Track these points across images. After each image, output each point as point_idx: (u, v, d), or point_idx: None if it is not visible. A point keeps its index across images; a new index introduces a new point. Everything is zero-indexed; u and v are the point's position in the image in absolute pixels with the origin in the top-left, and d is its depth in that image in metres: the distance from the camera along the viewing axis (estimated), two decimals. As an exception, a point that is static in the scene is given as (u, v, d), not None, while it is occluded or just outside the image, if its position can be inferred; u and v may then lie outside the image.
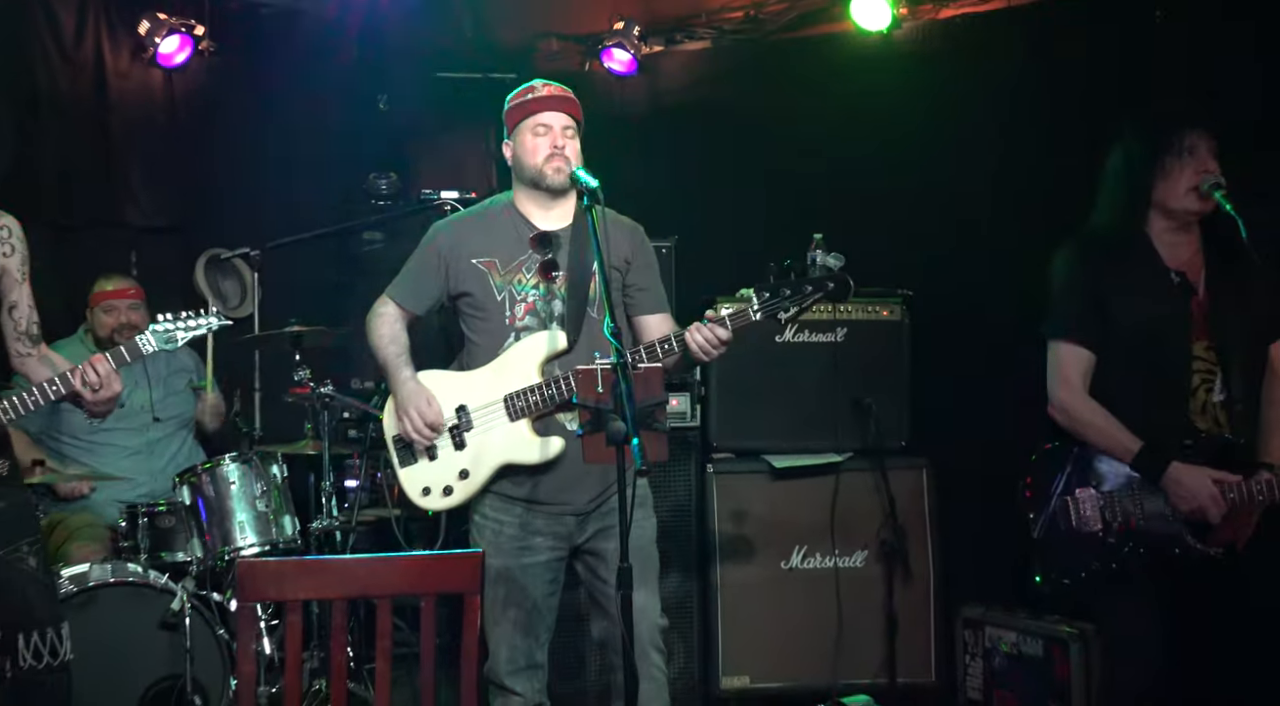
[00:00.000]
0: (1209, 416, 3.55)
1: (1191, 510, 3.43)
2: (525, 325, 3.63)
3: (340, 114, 6.52)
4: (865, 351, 5.32)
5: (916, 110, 5.44)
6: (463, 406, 3.66)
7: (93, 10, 5.81)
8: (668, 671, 3.74)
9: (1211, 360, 3.55)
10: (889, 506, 5.21)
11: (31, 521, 3.78)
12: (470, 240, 3.70)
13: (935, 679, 5.26)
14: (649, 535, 3.73)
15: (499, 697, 3.70)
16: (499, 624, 3.68)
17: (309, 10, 6.46)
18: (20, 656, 3.64)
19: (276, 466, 4.88)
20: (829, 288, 3.31)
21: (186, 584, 4.53)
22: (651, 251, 3.82)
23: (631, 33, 6.13)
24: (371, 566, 2.61)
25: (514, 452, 3.59)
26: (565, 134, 3.63)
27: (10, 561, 3.65)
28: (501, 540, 3.66)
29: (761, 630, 5.19)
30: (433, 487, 3.69)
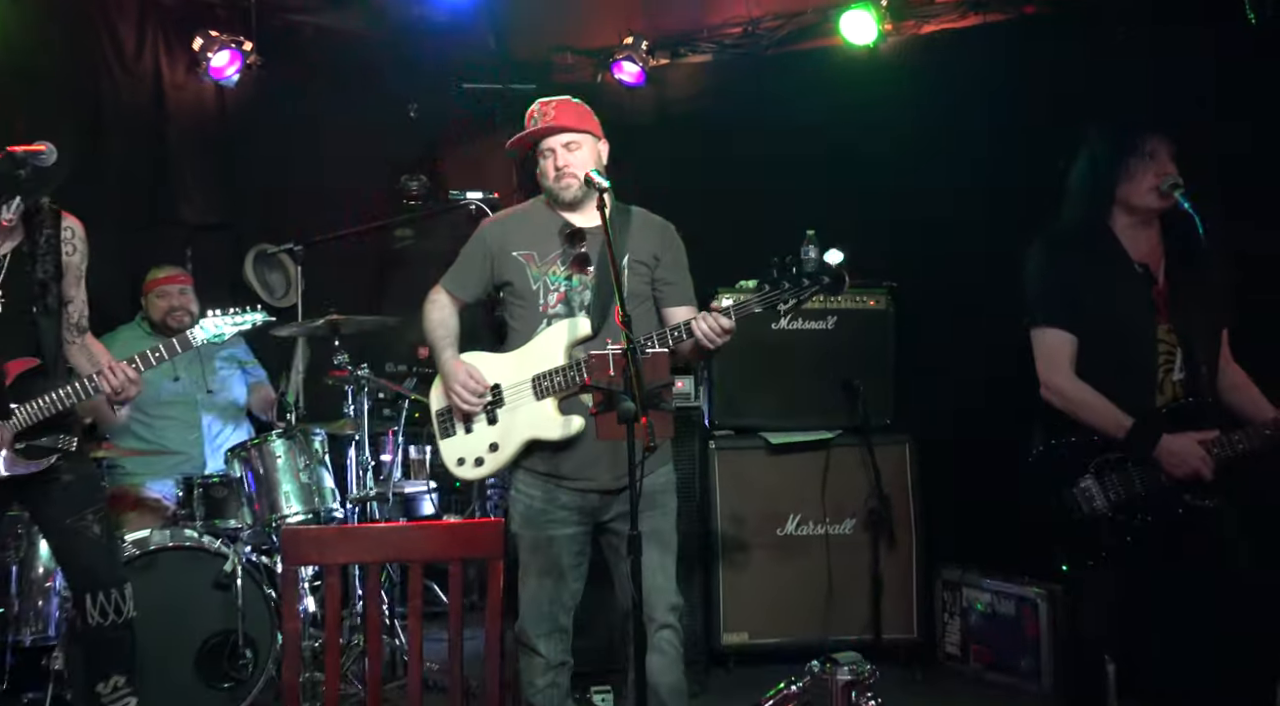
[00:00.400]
0: (1168, 393, 3.54)
1: (1185, 475, 3.41)
2: (556, 312, 3.61)
3: (375, 121, 6.50)
4: (854, 338, 5.32)
5: (900, 117, 5.42)
6: (497, 385, 3.65)
7: (151, 28, 5.81)
8: (680, 647, 3.69)
9: (1172, 343, 3.54)
10: (875, 479, 5.20)
11: (97, 492, 3.81)
12: (513, 235, 3.70)
13: (917, 635, 5.25)
14: (670, 520, 3.70)
15: (526, 656, 3.70)
16: (528, 589, 3.68)
17: (346, 28, 6.46)
18: (89, 614, 3.67)
19: (318, 442, 4.90)
20: (825, 282, 3.28)
21: (238, 548, 4.54)
22: (681, 248, 3.78)
23: (640, 47, 6.12)
24: (404, 533, 2.61)
25: (539, 429, 3.58)
26: (569, 149, 3.61)
27: (77, 529, 3.68)
28: (531, 513, 3.65)
29: (759, 591, 5.20)
30: (466, 458, 3.68)
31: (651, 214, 3.77)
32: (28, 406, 3.51)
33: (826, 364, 5.26)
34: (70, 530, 3.69)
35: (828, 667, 2.05)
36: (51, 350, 3.61)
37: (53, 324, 3.62)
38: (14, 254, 3.59)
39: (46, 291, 3.59)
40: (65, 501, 3.69)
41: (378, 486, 5.07)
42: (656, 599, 3.60)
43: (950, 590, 5.25)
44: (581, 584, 3.72)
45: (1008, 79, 5.13)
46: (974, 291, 4.95)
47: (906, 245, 5.33)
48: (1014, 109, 5.06)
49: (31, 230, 3.61)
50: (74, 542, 3.71)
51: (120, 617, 3.70)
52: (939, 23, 5.45)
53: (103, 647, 3.73)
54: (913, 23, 5.50)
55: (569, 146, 3.61)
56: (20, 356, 3.53)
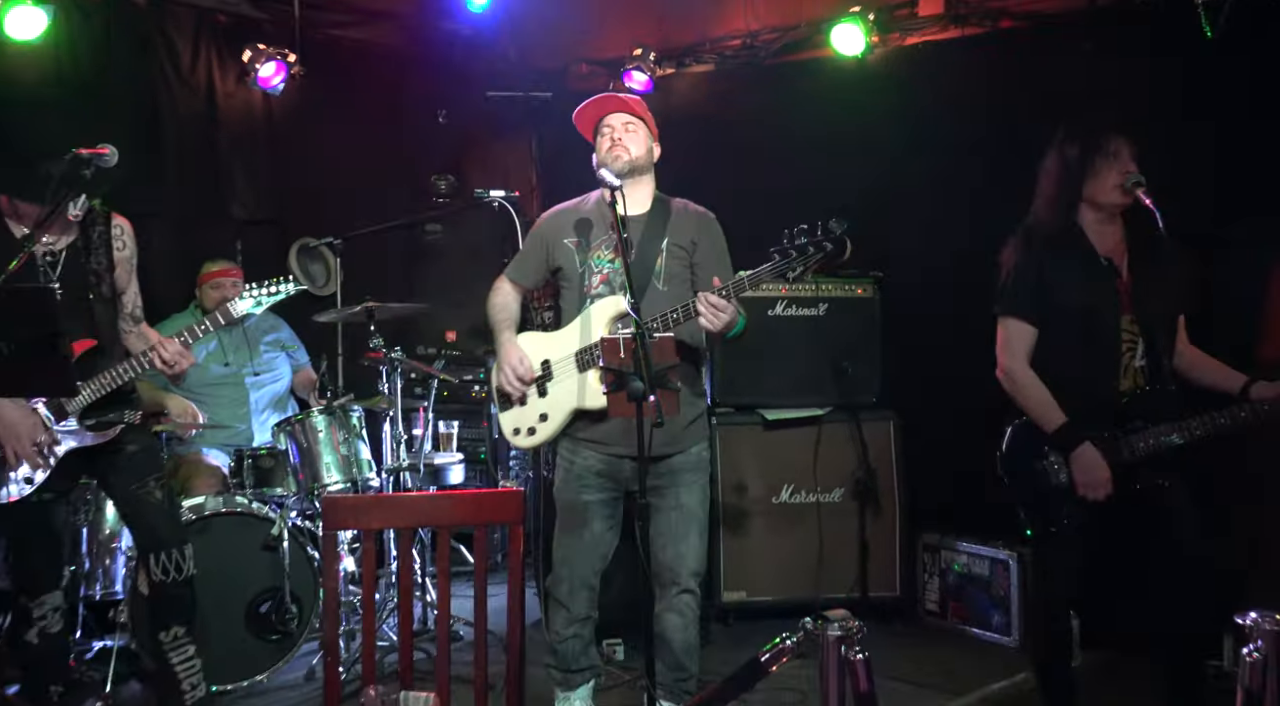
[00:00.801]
0: (1130, 377, 3.52)
1: (1084, 484, 3.42)
2: (598, 293, 3.60)
3: (407, 126, 6.50)
4: (843, 323, 5.32)
5: (886, 122, 5.40)
6: (546, 361, 3.66)
7: (205, 43, 5.80)
8: (697, 611, 3.69)
9: (1134, 331, 3.51)
10: (862, 452, 5.20)
11: (158, 461, 3.85)
12: (566, 224, 3.70)
13: (899, 593, 5.26)
14: (698, 496, 3.67)
15: (554, 607, 3.71)
16: (561, 548, 3.69)
17: (381, 42, 6.45)
18: (153, 571, 3.70)
19: (356, 418, 4.89)
20: (828, 248, 3.22)
21: (284, 514, 4.54)
22: (719, 235, 3.74)
23: (648, 58, 6.10)
24: (433, 501, 2.61)
25: (582, 400, 3.56)
26: (626, 129, 3.61)
27: (141, 495, 3.71)
28: (569, 477, 3.66)
29: (756, 553, 5.20)
30: (521, 428, 3.70)
31: (693, 204, 3.75)
32: (90, 383, 3.52)
33: (818, 347, 5.26)
34: (135, 496, 3.71)
35: (819, 624, 2.03)
36: (107, 331, 3.63)
37: (107, 309, 3.65)
38: (69, 249, 3.61)
39: (100, 281, 3.63)
40: (130, 470, 3.71)
41: (410, 458, 5.06)
42: (680, 566, 3.61)
43: (930, 552, 5.25)
44: (611, 548, 3.71)
45: (985, 86, 5.10)
46: (953, 281, 4.92)
47: (892, 238, 5.31)
48: (990, 114, 5.03)
49: (84, 228, 3.64)
50: (138, 507, 3.73)
51: (180, 575, 3.72)
52: (922, 35, 5.42)
53: (165, 602, 3.75)
54: (897, 35, 5.47)
55: (627, 127, 3.61)
56: (79, 339, 3.54)
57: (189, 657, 3.77)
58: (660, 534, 3.59)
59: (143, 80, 5.53)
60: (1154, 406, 3.46)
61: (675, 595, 3.62)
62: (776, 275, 3.29)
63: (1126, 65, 4.62)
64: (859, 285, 5.33)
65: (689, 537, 3.62)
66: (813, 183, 5.56)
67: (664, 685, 3.57)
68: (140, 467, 3.72)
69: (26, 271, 3.48)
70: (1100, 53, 4.70)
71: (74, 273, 3.59)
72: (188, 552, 3.74)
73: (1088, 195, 3.52)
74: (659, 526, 3.60)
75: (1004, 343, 3.57)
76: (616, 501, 3.68)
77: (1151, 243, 3.49)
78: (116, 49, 5.42)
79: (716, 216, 3.77)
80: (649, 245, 3.61)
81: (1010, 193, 3.76)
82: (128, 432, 3.69)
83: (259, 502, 4.61)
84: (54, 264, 3.59)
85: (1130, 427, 3.45)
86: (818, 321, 5.31)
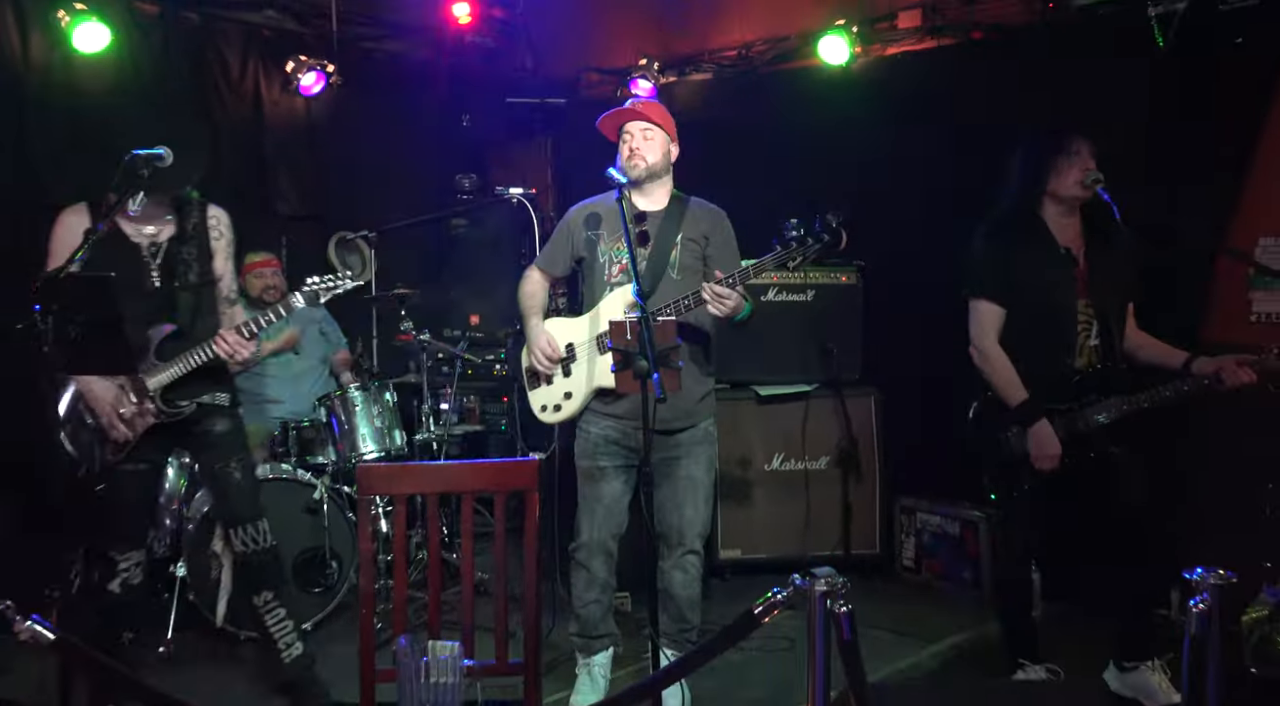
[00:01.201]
0: (1085, 356, 3.52)
1: (1037, 457, 3.43)
2: (618, 281, 3.59)
3: (434, 129, 6.49)
4: (829, 307, 5.31)
5: (869, 125, 5.37)
6: (570, 344, 3.65)
7: (253, 55, 5.79)
8: (701, 569, 3.71)
9: (1090, 315, 3.51)
10: (845, 423, 5.20)
11: (243, 442, 3.79)
12: (589, 218, 3.68)
13: (879, 551, 5.27)
14: (704, 466, 3.67)
15: (576, 571, 3.71)
16: (582, 513, 3.69)
17: (411, 54, 6.43)
18: (233, 543, 3.70)
19: (389, 393, 4.90)
20: (826, 239, 3.23)
21: (324, 480, 4.55)
22: (729, 230, 3.72)
23: (652, 67, 6.07)
24: (458, 469, 2.61)
25: (602, 378, 3.56)
26: (644, 137, 3.58)
27: (223, 473, 3.69)
28: (588, 447, 3.65)
29: (750, 515, 5.21)
30: (548, 406, 3.70)
31: (707, 202, 3.73)
32: (170, 366, 3.48)
33: (806, 329, 5.25)
34: (218, 474, 3.69)
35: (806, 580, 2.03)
36: (187, 319, 3.56)
37: (190, 298, 3.57)
38: (170, 241, 3.57)
39: (189, 270, 3.57)
40: (216, 449, 3.68)
41: (437, 430, 5.07)
42: (687, 529, 3.63)
43: (906, 514, 5.25)
44: (626, 512, 3.70)
45: (955, 92, 5.07)
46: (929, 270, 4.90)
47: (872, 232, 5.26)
48: (962, 116, 5.00)
49: (182, 220, 3.59)
50: (220, 484, 3.71)
51: (259, 545, 3.70)
52: (900, 46, 5.39)
53: (252, 569, 3.74)
54: (878, 46, 5.43)
55: (645, 134, 3.57)
56: (168, 324, 3.52)
57: (281, 620, 3.75)
58: (670, 499, 3.60)
59: (198, 90, 5.52)
60: (1106, 382, 3.47)
61: (681, 555, 3.64)
62: (779, 263, 3.30)
63: (1087, 71, 4.59)
64: (843, 273, 5.32)
65: (696, 504, 3.64)
66: (802, 181, 5.55)
67: (668, 635, 3.59)
68: (226, 447, 3.69)
69: (132, 262, 3.49)
70: (1063, 60, 4.67)
71: (171, 263, 3.55)
72: (262, 526, 3.71)
73: (1051, 190, 3.51)
74: (670, 493, 3.60)
75: (976, 322, 3.58)
76: (631, 469, 3.67)
77: (1108, 235, 3.50)
78: (173, 61, 5.41)
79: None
80: (665, 238, 3.60)
81: (980, 188, 3.75)
82: (216, 413, 3.66)
83: (302, 469, 4.63)
84: (156, 254, 3.55)
85: (1086, 401, 3.45)
86: (806, 306, 5.30)
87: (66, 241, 3.37)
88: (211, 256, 3.63)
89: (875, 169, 5.31)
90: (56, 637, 2.07)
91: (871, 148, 5.35)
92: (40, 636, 2.04)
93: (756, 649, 4.12)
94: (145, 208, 3.41)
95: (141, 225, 3.54)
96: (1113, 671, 3.60)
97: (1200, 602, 2.08)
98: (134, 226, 3.54)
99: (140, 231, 3.55)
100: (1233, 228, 4.37)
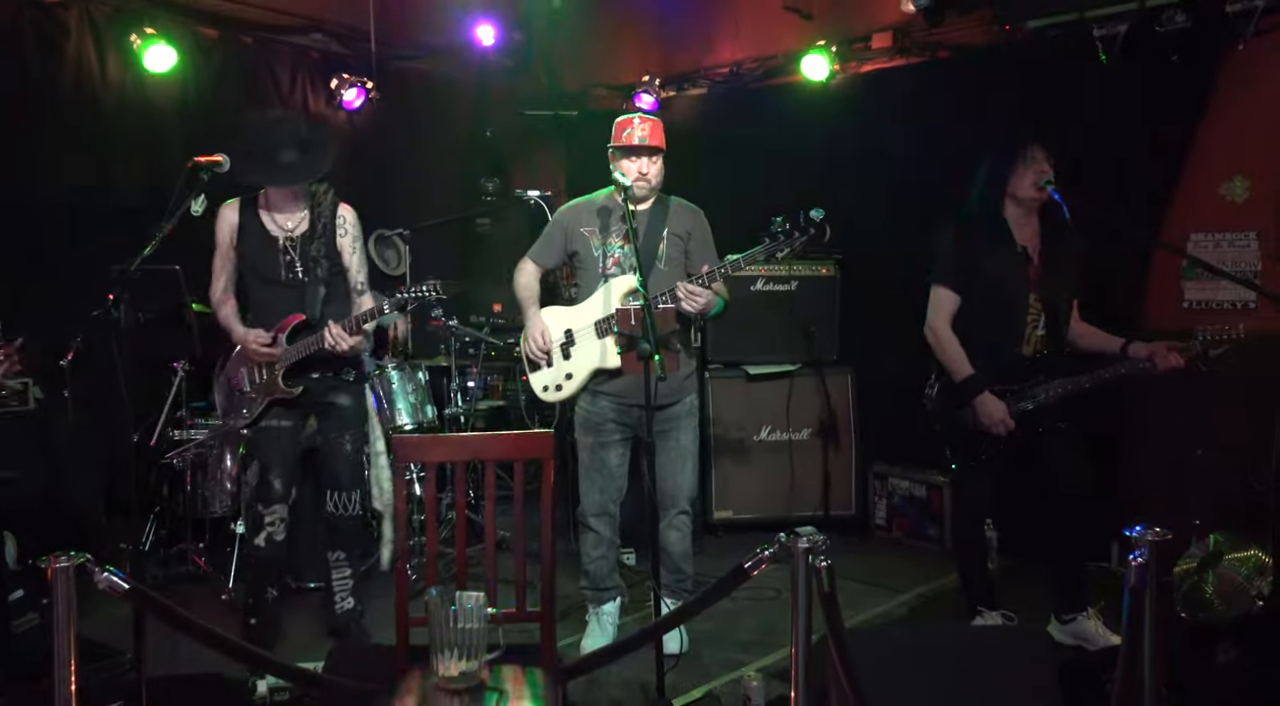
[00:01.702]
0: (1032, 344, 3.50)
1: (986, 423, 3.42)
2: (612, 273, 3.57)
3: (460, 138, 6.46)
4: (810, 295, 5.28)
5: (847, 135, 5.33)
6: (569, 329, 3.62)
7: (301, 72, 5.75)
8: (691, 527, 3.75)
9: (1039, 308, 3.50)
10: (825, 399, 5.19)
11: (362, 418, 3.80)
12: (581, 216, 3.65)
13: (855, 512, 5.26)
14: (691, 436, 3.68)
15: (584, 533, 3.73)
16: (586, 481, 3.69)
17: (440, 71, 6.39)
18: (328, 504, 3.71)
19: (422, 372, 4.88)
20: (811, 232, 3.22)
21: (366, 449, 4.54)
22: (706, 227, 3.70)
23: (654, 83, 6.03)
24: (482, 439, 2.60)
25: (600, 361, 3.55)
26: (651, 162, 3.54)
27: (337, 443, 3.69)
28: (588, 423, 3.65)
29: (740, 480, 5.20)
30: (549, 386, 3.68)
31: (687, 202, 3.71)
32: (290, 349, 3.51)
33: (790, 315, 5.23)
34: (331, 443, 3.70)
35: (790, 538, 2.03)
36: (314, 307, 3.56)
37: (317, 288, 3.56)
38: (303, 236, 3.57)
39: (318, 264, 3.56)
40: (335, 420, 3.69)
41: (464, 405, 5.06)
42: (678, 493, 3.64)
43: (879, 479, 5.24)
44: (625, 480, 3.71)
45: (925, 105, 5.03)
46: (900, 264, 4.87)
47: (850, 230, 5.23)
48: (930, 128, 4.95)
49: (314, 216, 3.58)
50: (330, 453, 3.70)
51: (348, 512, 3.71)
52: (874, 63, 5.34)
53: (336, 530, 3.76)
54: (855, 63, 5.38)
55: (652, 159, 3.53)
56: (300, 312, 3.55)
57: (345, 577, 3.76)
58: (663, 467, 3.60)
59: (252, 104, 5.49)
60: (1052, 367, 3.46)
61: (675, 515, 3.65)
62: (768, 255, 3.29)
63: (1040, 86, 4.55)
64: (823, 265, 5.30)
65: (685, 470, 3.66)
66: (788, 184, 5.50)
67: (666, 585, 3.60)
68: (344, 422, 3.70)
69: (270, 254, 3.52)
70: (1018, 76, 4.63)
71: (303, 254, 3.56)
72: (355, 496, 3.71)
73: (1010, 192, 3.49)
74: (665, 461, 3.61)
75: (933, 305, 3.59)
76: (627, 442, 3.68)
77: (1059, 235, 3.47)
78: (232, 80, 5.39)
79: (706, 212, 3.75)
80: (653, 235, 3.58)
81: (946, 193, 3.72)
82: (343, 388, 3.67)
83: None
84: (293, 246, 3.55)
85: (1033, 382, 3.44)
86: (790, 294, 5.27)
87: (224, 230, 3.56)
88: (340, 252, 3.61)
89: (852, 172, 5.27)
90: (130, 587, 2.07)
91: (849, 154, 5.32)
92: (116, 585, 2.04)
93: (746, 598, 4.12)
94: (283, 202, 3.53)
95: (280, 220, 3.55)
96: (1055, 624, 3.61)
97: (1138, 557, 2.07)
98: (273, 221, 3.55)
99: (279, 225, 3.56)
100: (1167, 224, 4.34)
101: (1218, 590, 3.35)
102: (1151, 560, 2.06)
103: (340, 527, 3.74)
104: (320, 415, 3.73)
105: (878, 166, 5.18)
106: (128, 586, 2.05)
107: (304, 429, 3.79)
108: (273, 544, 3.62)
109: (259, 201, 3.59)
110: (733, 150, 5.77)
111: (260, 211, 3.57)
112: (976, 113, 4.70)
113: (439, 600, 2.19)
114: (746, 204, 5.09)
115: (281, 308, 3.54)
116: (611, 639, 3.68)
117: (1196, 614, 3.36)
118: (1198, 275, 4.25)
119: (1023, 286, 3.47)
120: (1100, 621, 3.55)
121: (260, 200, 3.59)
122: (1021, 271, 3.48)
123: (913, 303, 3.70)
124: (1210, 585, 3.37)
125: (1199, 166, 4.28)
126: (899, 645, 2.77)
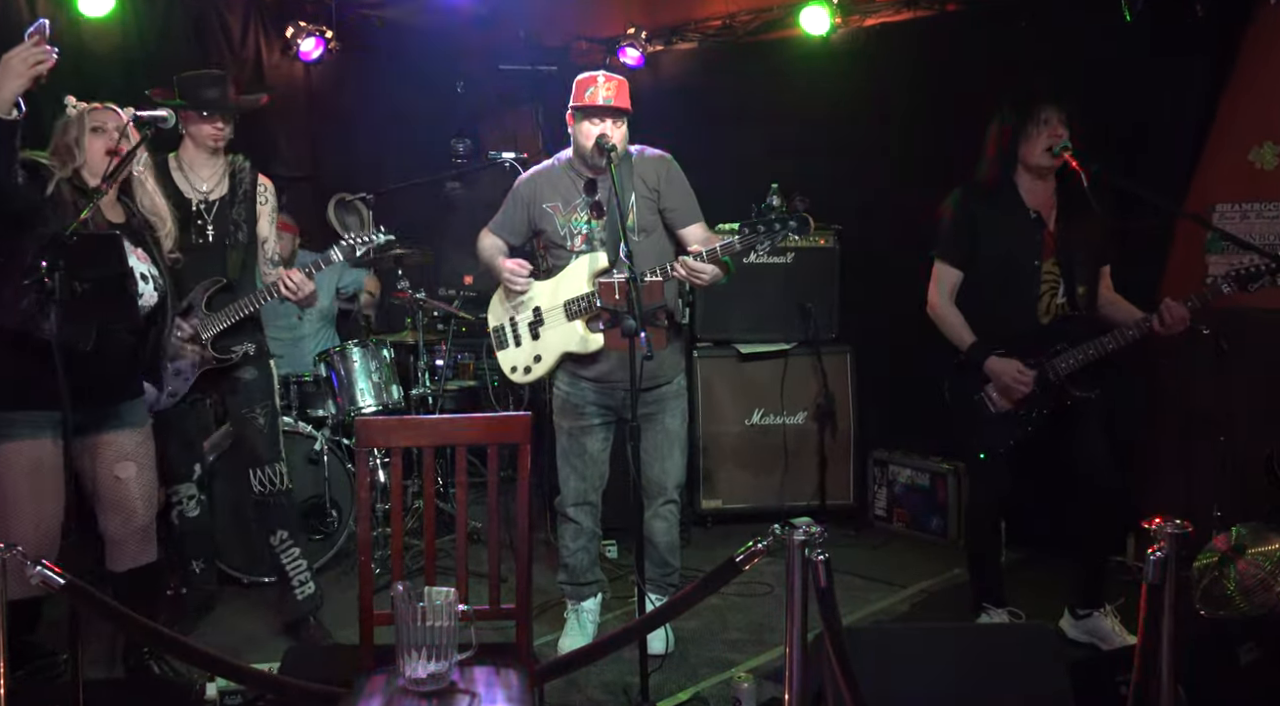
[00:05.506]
0: (1051, 313, 3.52)
1: (1002, 388, 3.45)
2: (580, 250, 3.54)
3: (429, 95, 6.38)
4: (807, 269, 5.27)
5: (849, 94, 5.32)
6: (538, 308, 3.60)
7: (254, 21, 5.67)
8: (678, 516, 3.74)
9: (1056, 273, 3.51)
10: (822, 380, 5.20)
11: (269, 390, 3.82)
12: (542, 190, 3.60)
13: (853, 501, 5.29)
14: (679, 419, 3.67)
15: (563, 523, 3.71)
16: (565, 469, 3.67)
17: (407, 21, 6.32)
18: (253, 485, 3.75)
19: (386, 350, 4.85)
20: (792, 225, 3.20)
21: (324, 432, 4.53)
22: (680, 174, 3.59)
23: (640, 36, 5.99)
24: (453, 422, 2.59)
25: (569, 344, 3.53)
26: (615, 126, 3.44)
27: (249, 419, 3.75)
28: (567, 407, 3.63)
29: (731, 467, 5.21)
30: (518, 367, 3.67)
31: (649, 148, 3.60)
32: (218, 316, 3.57)
33: (786, 290, 5.22)
34: (243, 418, 3.75)
35: (785, 529, 2.03)
36: (236, 272, 3.66)
37: (239, 254, 3.66)
38: (220, 201, 3.65)
39: (238, 229, 3.65)
40: (244, 394, 3.74)
41: (432, 385, 5.04)
42: (665, 480, 3.63)
43: (879, 466, 5.27)
44: (606, 466, 3.70)
45: (933, 62, 5.02)
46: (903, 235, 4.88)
47: (850, 197, 5.25)
48: (937, 86, 4.94)
49: (233, 183, 3.68)
50: (244, 428, 3.76)
51: (276, 487, 3.75)
52: (879, 17, 5.31)
53: (269, 510, 3.78)
54: (858, 17, 5.35)
55: (616, 123, 3.45)
56: (215, 276, 3.61)
57: (296, 559, 3.79)
58: (648, 452, 3.59)
59: (200, 55, 5.41)
60: (1072, 333, 3.47)
61: (661, 504, 3.65)
62: (747, 248, 3.22)
63: (1058, 42, 4.54)
64: (821, 237, 5.28)
65: (673, 456, 3.65)
66: (782, 145, 5.50)
67: (651, 580, 3.60)
68: (253, 395, 3.75)
69: (182, 215, 3.55)
70: (1034, 31, 4.62)
71: (220, 221, 3.64)
72: (279, 469, 3.76)
73: (1021, 157, 3.49)
74: (651, 446, 3.60)
75: (935, 281, 3.62)
76: (609, 426, 3.67)
77: (1078, 199, 3.48)
78: (178, 29, 5.29)
79: (692, 179, 3.63)
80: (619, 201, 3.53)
81: (954, 155, 3.72)
82: (246, 361, 3.72)
83: (303, 422, 4.60)
84: (208, 210, 3.63)
85: (1054, 351, 3.45)
86: (786, 268, 5.26)
87: None
88: (257, 220, 3.71)
89: (854, 137, 5.27)
90: (66, 582, 2.05)
91: (849, 115, 5.31)
92: (51, 581, 2.02)
93: (737, 593, 4.14)
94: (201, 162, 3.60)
95: (194, 181, 3.62)
96: (1068, 619, 3.64)
97: (1158, 550, 2.08)
98: (187, 183, 3.61)
99: (194, 188, 3.62)
100: (1191, 193, 4.35)
101: (1239, 586, 3.38)
102: (1171, 554, 2.07)
103: (272, 505, 3.77)
104: (225, 391, 3.79)
105: (881, 128, 5.17)
106: (63, 581, 2.03)
107: (205, 406, 3.98)
108: (186, 519, 3.81)
109: (170, 163, 3.66)
110: (724, 110, 5.75)
111: (174, 173, 3.64)
112: (988, 71, 4.69)
113: (406, 595, 2.18)
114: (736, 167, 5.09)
115: (196, 273, 3.59)
116: (592, 637, 3.68)
117: (1217, 611, 3.39)
118: (1223, 249, 4.27)
119: (1032, 253, 3.49)
120: (1117, 619, 3.58)
121: (172, 162, 3.67)
122: (1031, 238, 3.49)
123: (917, 277, 3.70)
124: (1232, 580, 3.40)
125: (1225, 132, 4.28)
126: (900, 644, 2.78)
